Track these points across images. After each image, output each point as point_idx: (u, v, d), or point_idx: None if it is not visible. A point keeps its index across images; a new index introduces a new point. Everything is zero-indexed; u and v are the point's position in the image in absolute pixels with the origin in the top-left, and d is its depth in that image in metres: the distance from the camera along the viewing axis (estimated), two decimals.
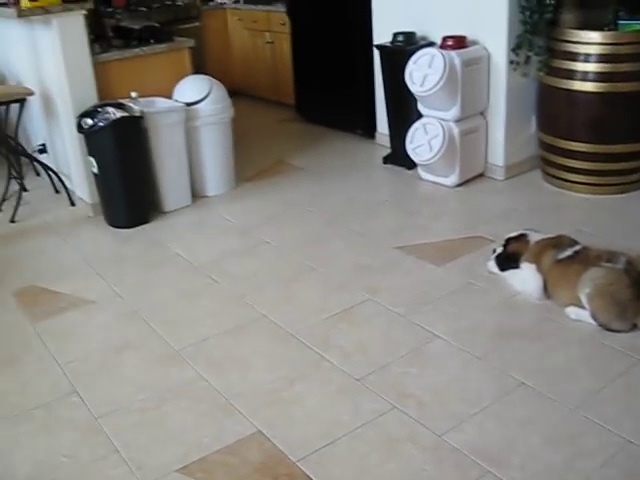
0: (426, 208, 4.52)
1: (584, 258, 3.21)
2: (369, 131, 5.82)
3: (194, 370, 3.01)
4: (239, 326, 3.32)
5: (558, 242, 3.37)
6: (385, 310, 3.35)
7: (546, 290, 3.32)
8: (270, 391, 2.84)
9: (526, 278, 3.37)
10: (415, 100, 4.72)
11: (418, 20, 4.99)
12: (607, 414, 2.57)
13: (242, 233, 4.33)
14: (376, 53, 5.24)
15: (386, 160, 5.30)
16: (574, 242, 3.36)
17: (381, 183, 5.04)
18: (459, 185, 4.75)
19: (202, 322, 3.38)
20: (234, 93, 6.67)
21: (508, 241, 3.54)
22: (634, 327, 3.04)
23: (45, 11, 4.24)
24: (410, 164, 4.97)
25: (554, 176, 4.64)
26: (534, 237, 3.48)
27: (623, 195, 4.45)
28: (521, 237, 3.51)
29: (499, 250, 3.56)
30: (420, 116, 4.75)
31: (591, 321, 3.08)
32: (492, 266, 3.58)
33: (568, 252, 3.27)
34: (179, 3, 7.32)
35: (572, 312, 3.17)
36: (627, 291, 3.00)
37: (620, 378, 2.76)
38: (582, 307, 3.12)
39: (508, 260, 3.50)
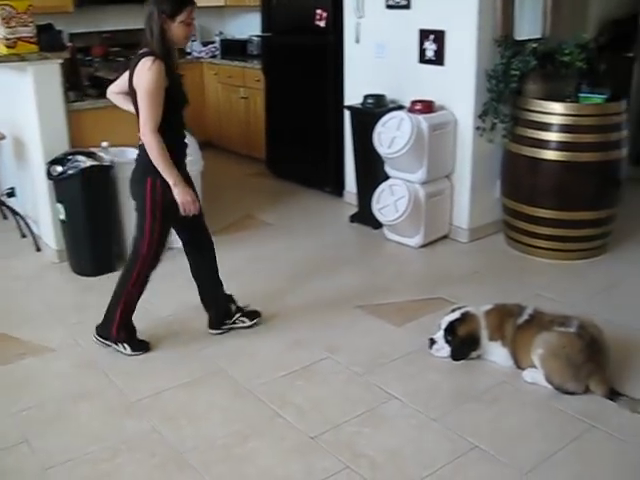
0: (389, 268, 4.56)
1: (539, 322, 3.25)
2: (337, 189, 5.90)
3: (149, 423, 2.99)
4: (196, 380, 3.31)
5: (511, 309, 3.37)
6: (343, 369, 3.36)
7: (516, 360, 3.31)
8: (223, 446, 2.82)
9: (498, 359, 3.34)
10: (383, 161, 4.80)
11: (389, 84, 5.12)
12: (559, 479, 2.60)
13: None
14: (346, 114, 5.36)
15: (353, 219, 5.36)
16: (522, 307, 3.38)
17: (346, 241, 5.09)
18: (423, 246, 4.81)
19: (160, 374, 3.36)
20: (206, 145, 6.76)
21: (453, 325, 3.36)
22: (587, 390, 3.08)
23: (21, 58, 4.27)
24: (376, 223, 5.02)
25: (517, 240, 4.72)
26: (477, 311, 3.39)
27: (585, 261, 4.54)
28: (466, 316, 3.38)
29: (440, 338, 3.39)
30: (387, 177, 4.83)
31: (546, 384, 3.12)
32: (438, 353, 3.42)
33: (525, 316, 3.30)
34: None
35: (527, 375, 3.21)
36: (580, 354, 3.04)
37: (572, 443, 2.79)
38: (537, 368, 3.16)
39: (465, 345, 3.34)
